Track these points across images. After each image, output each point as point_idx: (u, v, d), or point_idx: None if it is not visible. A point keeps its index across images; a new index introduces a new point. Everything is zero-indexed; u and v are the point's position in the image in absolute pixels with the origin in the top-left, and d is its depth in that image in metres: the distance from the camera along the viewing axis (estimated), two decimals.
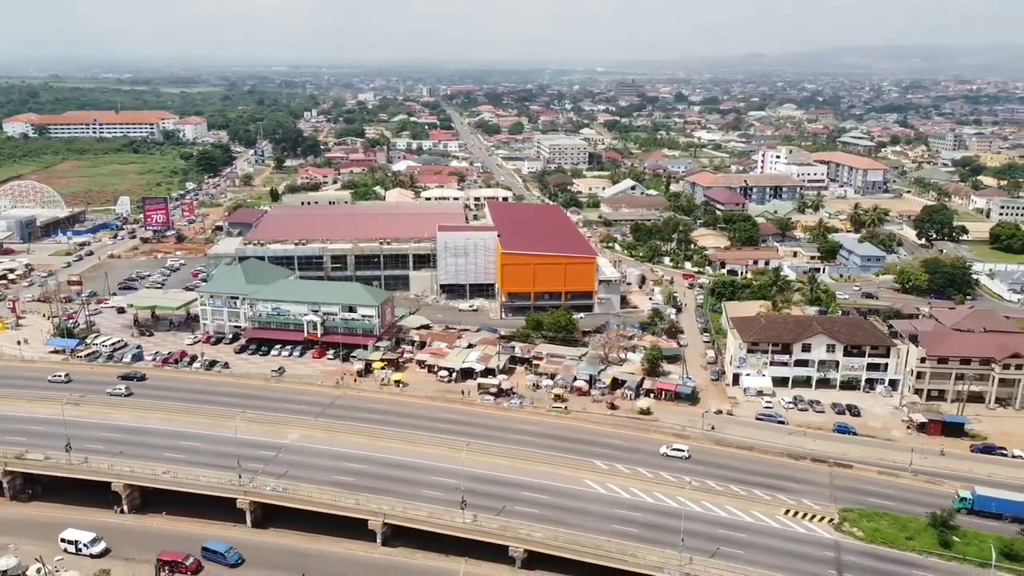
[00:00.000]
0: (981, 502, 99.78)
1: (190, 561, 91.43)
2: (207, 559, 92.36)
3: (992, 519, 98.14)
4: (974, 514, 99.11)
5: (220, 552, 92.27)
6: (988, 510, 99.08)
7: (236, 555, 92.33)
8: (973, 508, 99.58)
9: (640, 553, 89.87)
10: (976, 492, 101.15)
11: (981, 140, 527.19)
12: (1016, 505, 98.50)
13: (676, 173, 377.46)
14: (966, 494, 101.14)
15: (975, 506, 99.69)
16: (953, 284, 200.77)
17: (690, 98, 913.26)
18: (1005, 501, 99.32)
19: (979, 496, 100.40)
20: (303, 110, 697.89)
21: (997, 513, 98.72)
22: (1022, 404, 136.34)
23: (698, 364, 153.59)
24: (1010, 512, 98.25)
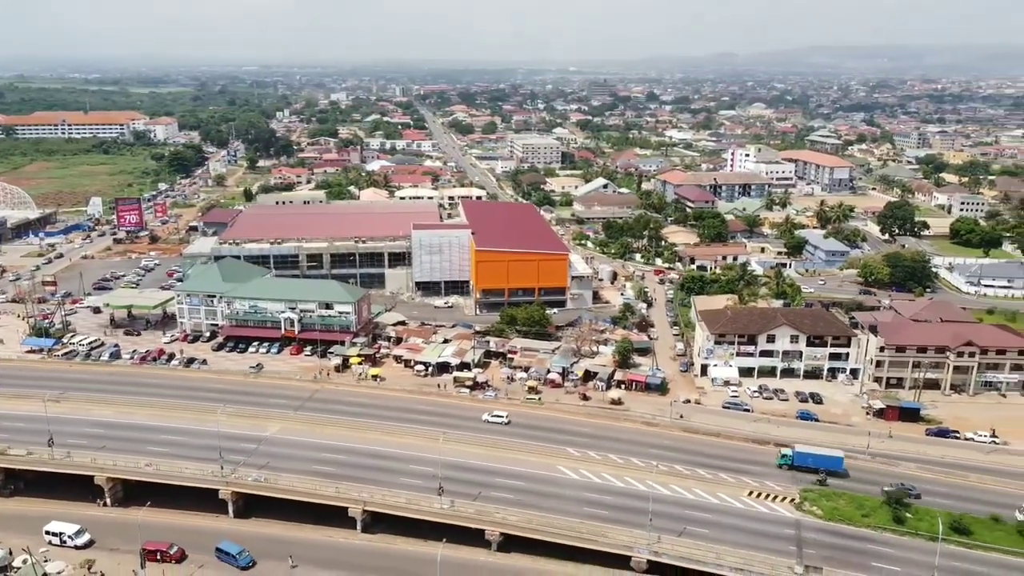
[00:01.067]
0: (799, 458, 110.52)
1: (174, 550, 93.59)
2: (220, 560, 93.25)
3: (809, 472, 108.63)
4: (794, 468, 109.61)
5: (232, 554, 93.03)
6: (805, 464, 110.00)
7: (248, 557, 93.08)
8: (793, 463, 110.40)
9: (611, 534, 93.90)
10: (795, 449, 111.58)
11: (944, 138, 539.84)
12: (825, 459, 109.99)
13: (647, 172, 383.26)
14: (787, 451, 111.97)
15: (794, 462, 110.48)
16: (913, 277, 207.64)
17: (662, 97, 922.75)
18: (817, 456, 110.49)
19: (797, 453, 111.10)
20: (275, 110, 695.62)
21: (813, 467, 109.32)
22: (975, 390, 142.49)
23: (668, 356, 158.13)
24: (821, 465, 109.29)
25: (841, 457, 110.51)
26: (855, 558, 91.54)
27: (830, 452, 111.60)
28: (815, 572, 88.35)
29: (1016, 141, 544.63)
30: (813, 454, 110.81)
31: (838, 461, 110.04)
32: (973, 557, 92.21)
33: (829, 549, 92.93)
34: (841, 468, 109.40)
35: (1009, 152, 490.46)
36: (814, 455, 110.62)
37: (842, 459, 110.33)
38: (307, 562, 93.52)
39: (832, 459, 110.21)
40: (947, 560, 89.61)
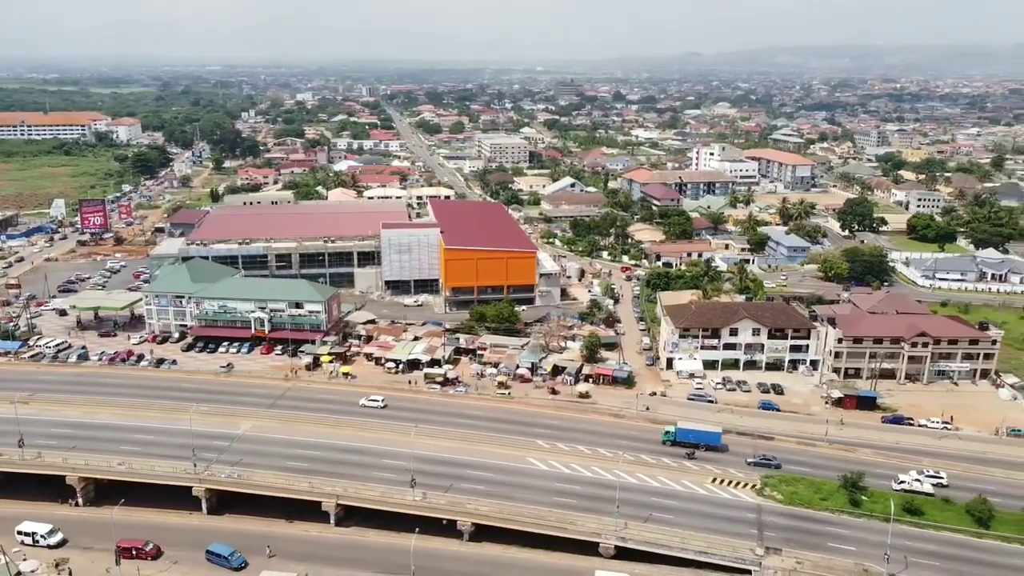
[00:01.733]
0: (681, 434, 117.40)
1: (150, 547, 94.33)
2: (211, 563, 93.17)
3: (691, 447, 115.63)
4: (677, 444, 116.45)
5: (224, 555, 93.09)
6: (686, 440, 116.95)
7: (240, 558, 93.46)
8: (676, 440, 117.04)
9: (580, 521, 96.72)
10: (678, 426, 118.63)
11: (903, 136, 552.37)
12: (705, 435, 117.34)
13: (614, 171, 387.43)
14: (671, 428, 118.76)
15: (677, 438, 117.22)
16: (871, 271, 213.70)
17: (628, 97, 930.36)
18: (698, 432, 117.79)
19: (679, 429, 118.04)
20: (240, 110, 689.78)
21: (694, 443, 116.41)
22: (929, 379, 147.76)
23: (634, 350, 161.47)
24: (701, 441, 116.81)
25: (719, 433, 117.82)
26: (813, 539, 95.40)
27: (709, 428, 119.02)
28: (775, 553, 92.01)
29: (971, 139, 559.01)
30: (694, 430, 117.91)
31: (716, 436, 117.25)
32: (924, 536, 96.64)
33: (788, 532, 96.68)
34: (719, 443, 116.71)
35: (964, 149, 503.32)
36: (694, 431, 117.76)
37: (720, 434, 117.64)
38: (282, 556, 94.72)
39: (711, 435, 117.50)
40: (899, 539, 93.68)
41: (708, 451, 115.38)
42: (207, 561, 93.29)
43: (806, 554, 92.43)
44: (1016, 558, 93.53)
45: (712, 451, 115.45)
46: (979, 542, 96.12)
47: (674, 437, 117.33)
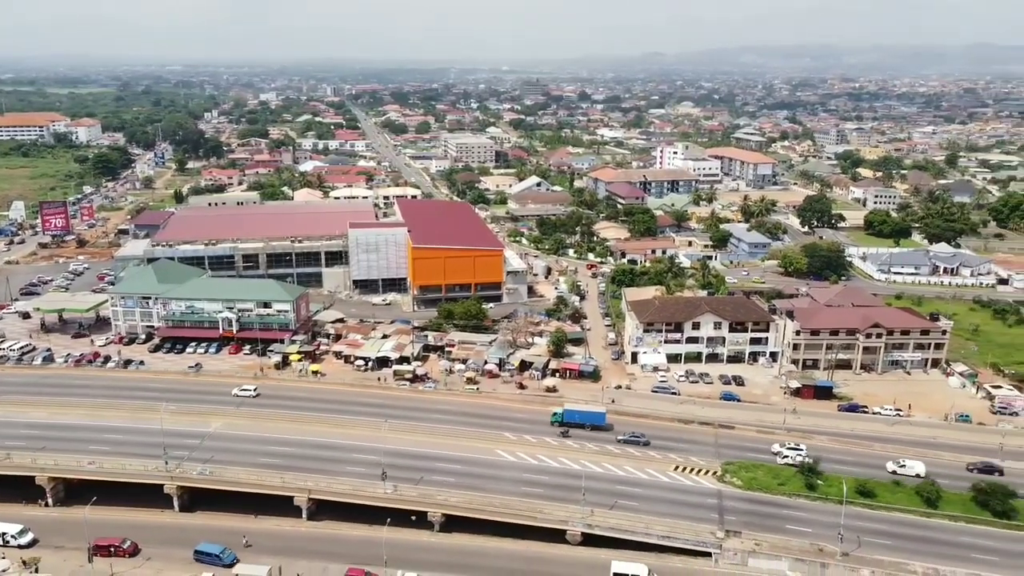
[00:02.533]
0: (568, 415, 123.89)
1: (127, 544, 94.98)
2: (200, 562, 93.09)
3: (577, 427, 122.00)
4: (565, 424, 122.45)
5: (216, 554, 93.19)
6: (573, 421, 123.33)
7: (231, 555, 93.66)
8: (563, 420, 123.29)
9: (547, 510, 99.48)
10: (565, 408, 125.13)
11: (861, 135, 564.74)
12: (590, 415, 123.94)
13: (580, 170, 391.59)
14: (558, 410, 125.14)
15: (564, 418, 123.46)
16: (830, 266, 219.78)
17: (593, 97, 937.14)
18: (583, 412, 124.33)
19: (566, 411, 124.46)
20: (203, 111, 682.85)
21: (581, 423, 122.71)
22: (883, 369, 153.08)
23: (600, 345, 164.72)
24: (587, 421, 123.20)
25: (603, 412, 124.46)
26: (771, 522, 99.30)
27: (594, 409, 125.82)
28: (735, 536, 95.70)
29: (926, 137, 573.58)
30: (579, 411, 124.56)
31: (600, 416, 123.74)
32: (876, 516, 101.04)
33: (748, 515, 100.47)
34: (603, 423, 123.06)
35: (920, 147, 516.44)
36: (580, 412, 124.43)
37: (603, 414, 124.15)
38: (255, 550, 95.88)
39: (595, 415, 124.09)
40: (852, 520, 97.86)
41: (593, 430, 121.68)
42: (196, 561, 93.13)
43: (764, 535, 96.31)
44: (961, 535, 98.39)
45: (597, 430, 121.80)
46: (927, 521, 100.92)
47: (561, 418, 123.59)
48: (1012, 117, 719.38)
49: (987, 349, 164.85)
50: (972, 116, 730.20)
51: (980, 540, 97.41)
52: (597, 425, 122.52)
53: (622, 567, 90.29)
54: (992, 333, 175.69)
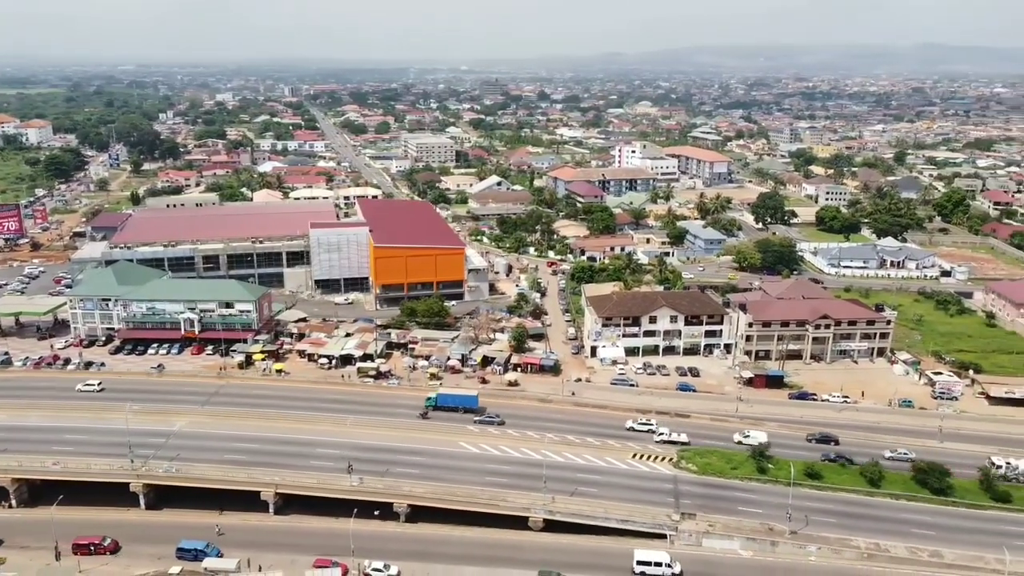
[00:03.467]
0: (442, 399, 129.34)
1: (108, 542, 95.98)
2: (183, 559, 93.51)
3: (451, 411, 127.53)
4: (439, 408, 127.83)
5: (200, 549, 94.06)
6: (447, 404, 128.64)
7: (216, 549, 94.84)
8: (437, 404, 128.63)
9: (510, 497, 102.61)
10: (439, 392, 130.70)
11: (814, 133, 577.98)
12: (462, 398, 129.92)
13: (540, 169, 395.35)
14: (432, 395, 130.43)
15: (438, 402, 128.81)
16: (782, 261, 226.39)
17: (552, 96, 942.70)
18: (456, 396, 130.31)
19: (440, 395, 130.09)
20: (158, 111, 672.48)
21: (454, 406, 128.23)
22: (832, 358, 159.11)
23: (560, 340, 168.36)
24: (459, 404, 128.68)
25: (475, 396, 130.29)
26: (724, 504, 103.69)
27: (466, 393, 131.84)
28: (689, 518, 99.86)
29: (876, 135, 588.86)
30: (452, 395, 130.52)
31: (473, 400, 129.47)
32: (823, 497, 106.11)
33: (702, 499, 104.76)
34: (475, 405, 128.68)
35: (870, 145, 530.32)
36: (453, 396, 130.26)
37: (475, 398, 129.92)
38: (223, 545, 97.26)
39: (468, 398, 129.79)
40: (801, 501, 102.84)
41: (467, 412, 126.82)
42: (178, 558, 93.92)
43: (718, 517, 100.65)
44: (902, 512, 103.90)
45: (470, 412, 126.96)
46: (870, 500, 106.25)
47: (435, 402, 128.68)
48: (957, 116, 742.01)
49: (930, 338, 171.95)
50: (920, 115, 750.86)
51: (918, 516, 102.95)
52: (470, 408, 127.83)
53: (644, 555, 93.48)
54: (935, 323, 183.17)
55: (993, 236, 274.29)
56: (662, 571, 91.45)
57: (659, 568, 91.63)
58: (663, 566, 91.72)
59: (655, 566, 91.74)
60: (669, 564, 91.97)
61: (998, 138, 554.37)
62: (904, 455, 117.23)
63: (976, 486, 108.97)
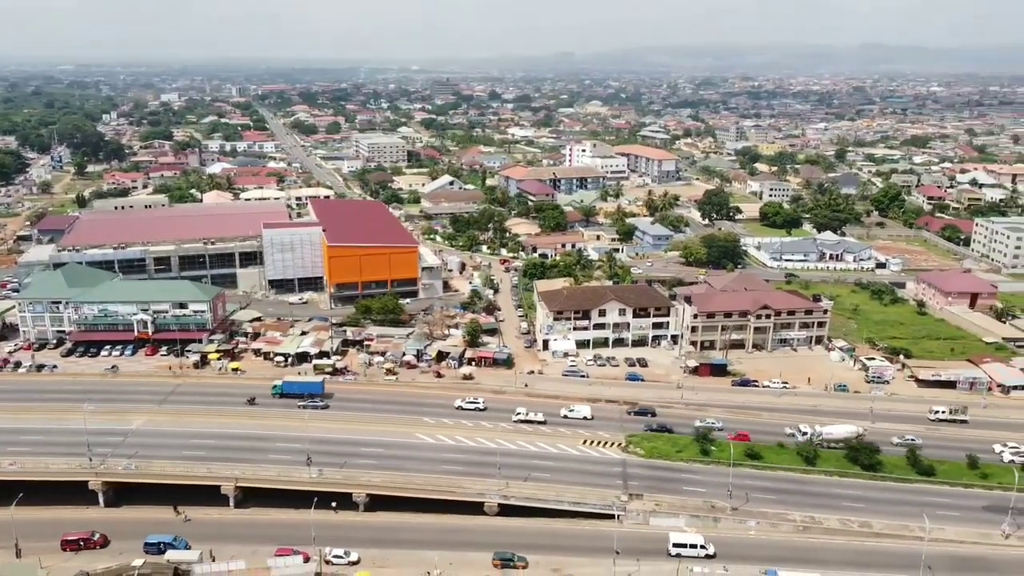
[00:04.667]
0: (287, 386, 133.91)
1: (97, 536, 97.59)
2: (150, 553, 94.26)
3: (296, 398, 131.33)
4: (285, 396, 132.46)
5: (167, 543, 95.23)
6: (292, 392, 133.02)
7: (183, 541, 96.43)
8: (283, 392, 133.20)
9: (465, 484, 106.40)
10: (284, 380, 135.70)
11: (759, 132, 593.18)
12: (308, 385, 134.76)
13: (492, 168, 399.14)
14: (278, 383, 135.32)
15: (284, 390, 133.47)
16: (727, 255, 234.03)
17: (503, 96, 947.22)
18: (302, 383, 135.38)
19: (286, 382, 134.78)
20: (101, 112, 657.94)
21: (300, 393, 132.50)
22: (772, 347, 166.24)
23: (513, 335, 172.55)
24: (305, 391, 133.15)
25: (320, 382, 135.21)
26: (670, 485, 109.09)
27: (311, 379, 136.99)
28: (637, 498, 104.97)
29: (819, 133, 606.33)
30: (298, 382, 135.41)
31: (318, 386, 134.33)
32: (762, 476, 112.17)
33: (649, 480, 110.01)
34: (321, 391, 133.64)
35: (813, 143, 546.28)
36: (298, 383, 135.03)
37: (321, 384, 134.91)
38: (184, 537, 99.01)
39: (313, 384, 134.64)
40: (741, 480, 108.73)
41: (312, 398, 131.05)
42: (145, 553, 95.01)
43: (664, 496, 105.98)
44: (834, 487, 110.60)
45: (315, 398, 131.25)
46: (806, 477, 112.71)
47: (281, 390, 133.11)
48: (896, 114, 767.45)
49: (865, 326, 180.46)
50: (860, 113, 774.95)
51: (850, 491, 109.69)
52: (315, 394, 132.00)
53: (679, 538, 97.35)
54: (870, 312, 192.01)
55: (926, 229, 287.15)
56: (696, 552, 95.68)
57: (694, 550, 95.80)
58: (697, 547, 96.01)
59: (690, 547, 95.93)
60: (704, 545, 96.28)
61: (933, 135, 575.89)
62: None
63: (904, 462, 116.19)
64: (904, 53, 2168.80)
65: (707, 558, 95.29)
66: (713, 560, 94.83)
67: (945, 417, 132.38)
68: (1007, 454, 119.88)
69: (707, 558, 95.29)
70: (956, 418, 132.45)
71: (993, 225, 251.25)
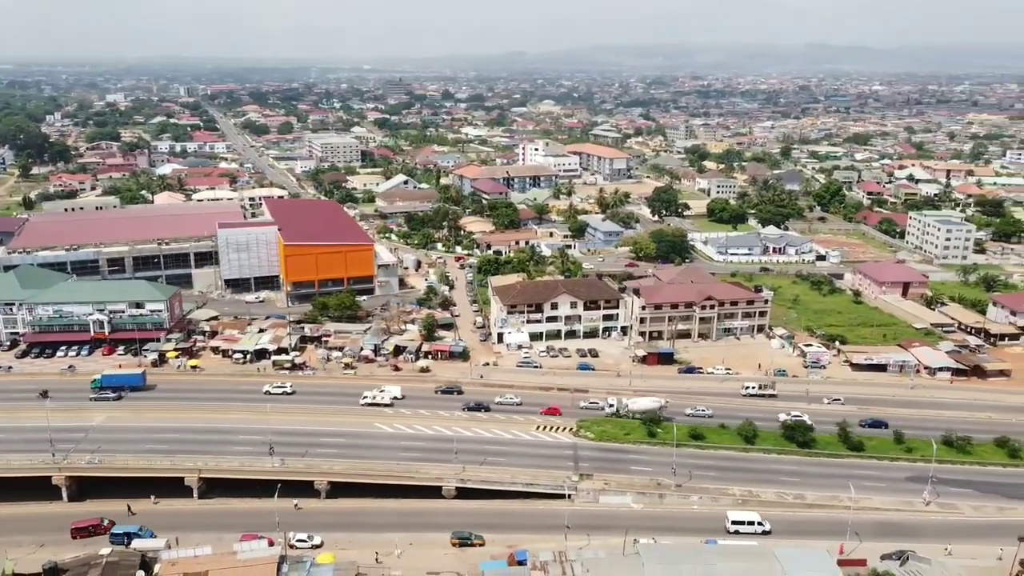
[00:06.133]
0: (106, 379, 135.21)
1: (106, 523, 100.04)
2: (116, 544, 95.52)
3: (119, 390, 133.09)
4: (105, 388, 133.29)
5: (133, 533, 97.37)
6: (111, 384, 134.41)
7: (148, 532, 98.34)
8: (102, 385, 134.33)
9: (424, 470, 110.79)
10: (103, 374, 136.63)
11: (708, 130, 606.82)
12: (127, 378, 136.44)
13: (445, 167, 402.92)
14: (98, 377, 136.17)
15: (103, 383, 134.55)
16: (675, 250, 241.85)
17: (456, 96, 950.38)
18: (120, 376, 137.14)
19: (105, 376, 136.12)
20: (44, 113, 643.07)
21: (120, 386, 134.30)
22: (717, 336, 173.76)
23: (469, 329, 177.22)
24: (125, 383, 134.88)
25: (140, 374, 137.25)
26: (619, 465, 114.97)
27: (131, 372, 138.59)
28: (588, 478, 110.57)
29: (765, 131, 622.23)
30: (116, 375, 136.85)
31: (138, 378, 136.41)
32: (704, 455, 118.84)
33: (599, 461, 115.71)
34: (142, 383, 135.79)
35: (760, 141, 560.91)
36: (117, 375, 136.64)
37: (140, 376, 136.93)
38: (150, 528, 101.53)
39: (133, 377, 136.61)
40: (685, 459, 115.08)
41: (134, 391, 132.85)
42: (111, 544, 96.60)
43: (612, 476, 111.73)
44: (772, 464, 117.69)
45: (137, 390, 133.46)
46: (745, 455, 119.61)
47: (100, 383, 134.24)
48: (839, 112, 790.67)
49: (804, 315, 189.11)
50: (805, 111, 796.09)
51: (786, 467, 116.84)
52: (136, 386, 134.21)
53: (737, 515, 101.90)
54: (809, 302, 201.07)
55: (864, 223, 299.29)
56: (754, 529, 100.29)
57: (751, 527, 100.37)
58: (755, 524, 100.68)
59: (747, 524, 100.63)
60: (760, 523, 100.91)
61: (874, 133, 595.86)
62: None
63: (836, 439, 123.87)
64: (848, 53, 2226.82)
65: (763, 534, 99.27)
66: (662, 532, 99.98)
67: (755, 392, 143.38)
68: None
69: (763, 534, 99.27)
70: (765, 392, 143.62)
71: (925, 219, 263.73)
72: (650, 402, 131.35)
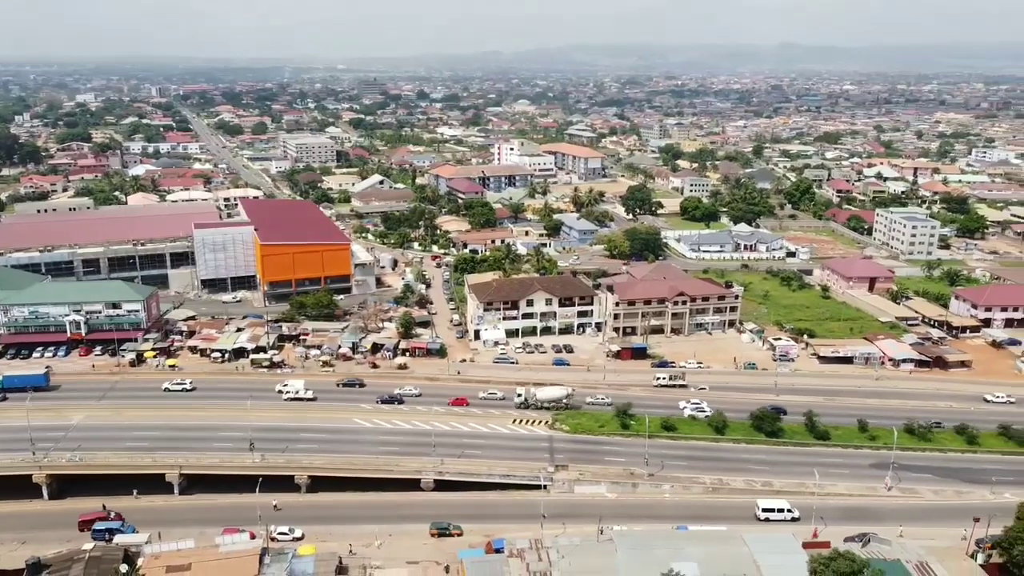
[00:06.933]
0: (8, 381, 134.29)
1: (112, 515, 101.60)
2: (98, 540, 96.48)
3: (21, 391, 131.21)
4: (5, 390, 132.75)
5: (115, 529, 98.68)
6: (13, 386, 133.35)
7: (130, 528, 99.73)
8: (3, 387, 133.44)
9: (403, 463, 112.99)
10: (4, 376, 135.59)
11: (681, 129, 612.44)
12: (30, 378, 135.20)
13: (421, 167, 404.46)
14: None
15: (4, 384, 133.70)
16: (648, 248, 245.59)
17: (432, 95, 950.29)
18: (23, 377, 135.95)
19: (6, 377, 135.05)
20: (12, 113, 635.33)
21: (22, 387, 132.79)
22: (689, 331, 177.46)
23: (446, 326, 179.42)
24: (27, 384, 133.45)
25: (43, 375, 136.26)
26: (593, 456, 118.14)
27: (33, 372, 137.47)
28: (563, 469, 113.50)
29: (738, 130, 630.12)
30: (19, 376, 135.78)
31: (40, 379, 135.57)
32: (676, 445, 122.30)
33: (574, 453, 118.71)
34: (45, 383, 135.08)
35: (732, 140, 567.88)
36: (19, 377, 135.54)
37: (43, 376, 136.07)
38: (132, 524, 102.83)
39: (35, 377, 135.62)
40: (658, 450, 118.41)
41: (37, 391, 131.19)
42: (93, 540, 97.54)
43: (587, 467, 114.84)
44: (741, 454, 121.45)
45: (40, 391, 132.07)
46: (716, 445, 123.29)
47: (1, 384, 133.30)
48: (810, 111, 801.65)
49: (774, 310, 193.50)
50: (777, 111, 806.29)
51: (755, 456, 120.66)
52: (39, 386, 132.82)
53: (767, 503, 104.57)
54: (779, 297, 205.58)
55: (833, 220, 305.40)
56: (783, 516, 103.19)
57: (781, 514, 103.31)
58: (784, 511, 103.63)
59: (777, 512, 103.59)
60: (789, 510, 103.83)
61: (844, 132, 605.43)
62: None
63: (803, 429, 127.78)
64: (820, 53, 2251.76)
65: (792, 520, 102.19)
66: (635, 520, 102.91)
67: (665, 383, 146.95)
68: (688, 409, 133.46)
69: (792, 520, 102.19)
70: (675, 383, 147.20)
71: (891, 215, 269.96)
72: (557, 391, 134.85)
